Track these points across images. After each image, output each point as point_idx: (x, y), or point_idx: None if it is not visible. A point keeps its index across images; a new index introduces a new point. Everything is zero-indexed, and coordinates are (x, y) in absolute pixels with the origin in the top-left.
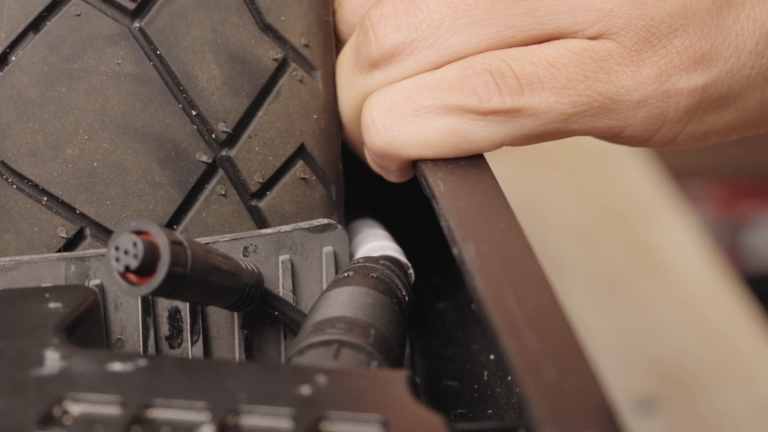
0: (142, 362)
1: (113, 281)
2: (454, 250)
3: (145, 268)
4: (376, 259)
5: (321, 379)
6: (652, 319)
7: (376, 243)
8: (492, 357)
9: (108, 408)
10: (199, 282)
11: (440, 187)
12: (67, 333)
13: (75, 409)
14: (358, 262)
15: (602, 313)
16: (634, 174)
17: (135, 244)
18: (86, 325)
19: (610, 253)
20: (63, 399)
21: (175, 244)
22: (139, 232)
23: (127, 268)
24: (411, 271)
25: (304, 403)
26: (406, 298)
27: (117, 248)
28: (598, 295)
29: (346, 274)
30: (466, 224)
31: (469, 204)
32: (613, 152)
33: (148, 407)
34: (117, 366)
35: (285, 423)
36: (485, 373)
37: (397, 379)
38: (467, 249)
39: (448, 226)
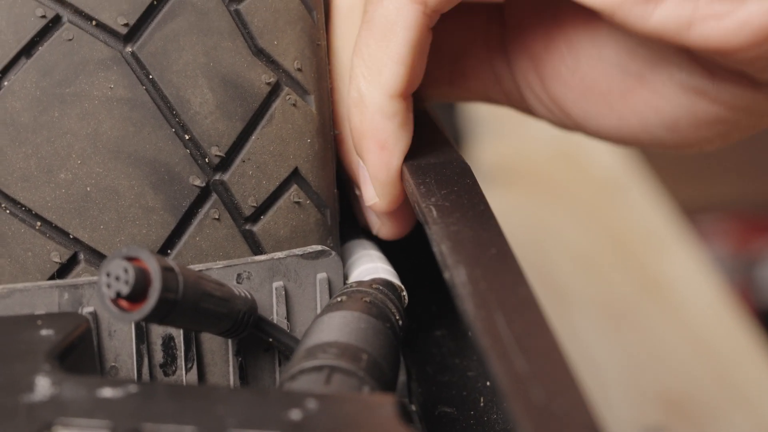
0: (133, 388)
1: (105, 308)
2: (446, 275)
3: (137, 295)
4: (369, 284)
5: (311, 404)
6: (659, 349)
7: (369, 265)
8: (488, 383)
9: None
10: (191, 308)
11: (432, 212)
12: (58, 360)
13: None
14: (351, 286)
15: (610, 344)
16: (643, 206)
17: (126, 271)
18: (78, 352)
19: (617, 285)
20: (52, 425)
21: (166, 270)
22: (130, 258)
23: (119, 295)
24: (404, 294)
25: (294, 428)
26: (400, 322)
27: (108, 274)
28: (605, 326)
29: (339, 299)
30: (458, 249)
31: (461, 229)
32: (622, 184)
33: None
34: (107, 392)
35: None
36: (481, 399)
37: (387, 404)
38: (458, 273)
39: (440, 251)
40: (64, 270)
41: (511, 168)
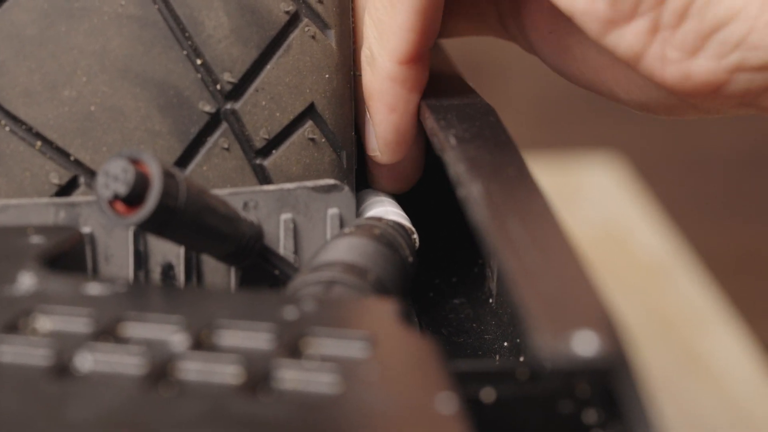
0: (121, 287)
1: (101, 209)
2: (461, 192)
3: (135, 198)
4: (379, 219)
5: (308, 305)
6: (698, 424)
7: (380, 209)
8: (506, 344)
9: (78, 321)
10: (192, 221)
11: (451, 140)
12: (47, 264)
13: (44, 321)
14: (359, 221)
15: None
16: (689, 289)
17: (125, 171)
18: (69, 261)
19: (656, 359)
20: (31, 312)
21: (167, 175)
22: (132, 161)
23: (116, 196)
24: (415, 236)
25: (287, 323)
26: (410, 259)
27: (107, 174)
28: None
29: (347, 230)
30: (475, 168)
31: (480, 154)
32: (669, 267)
33: (120, 321)
34: (94, 288)
35: (264, 339)
36: (497, 357)
37: (389, 306)
38: (474, 188)
39: (456, 172)
40: (63, 192)
41: None
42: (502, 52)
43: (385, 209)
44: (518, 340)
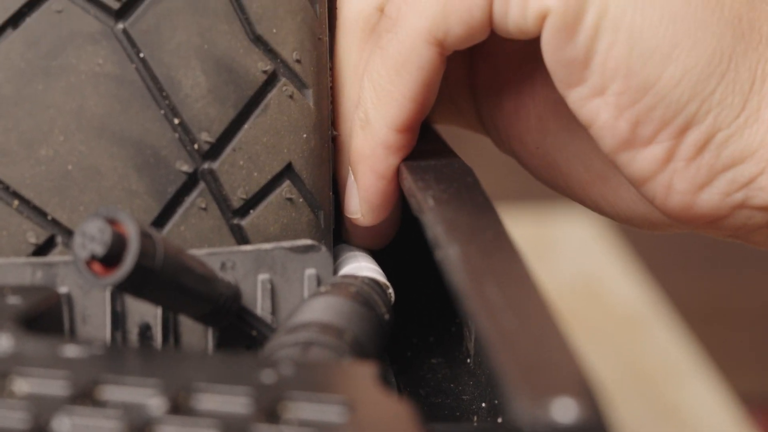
0: (98, 349)
1: (78, 269)
2: (438, 254)
3: (112, 258)
4: (354, 277)
5: (285, 368)
6: None
7: (354, 264)
8: (484, 405)
9: (55, 384)
10: (169, 281)
11: (429, 201)
12: (24, 325)
13: (21, 383)
14: (336, 279)
15: None
16: (665, 341)
17: (102, 231)
18: (46, 322)
19: (632, 411)
20: (8, 374)
21: (144, 235)
22: (108, 221)
23: (93, 256)
24: (390, 291)
25: (265, 387)
26: (386, 316)
27: (84, 234)
28: None
29: (322, 289)
30: (453, 230)
31: (458, 216)
32: (645, 319)
33: (97, 384)
34: (71, 351)
35: (242, 403)
36: (475, 419)
37: (367, 369)
38: (452, 250)
39: (434, 234)
40: (40, 252)
41: None
42: None
43: (359, 264)
44: (496, 402)
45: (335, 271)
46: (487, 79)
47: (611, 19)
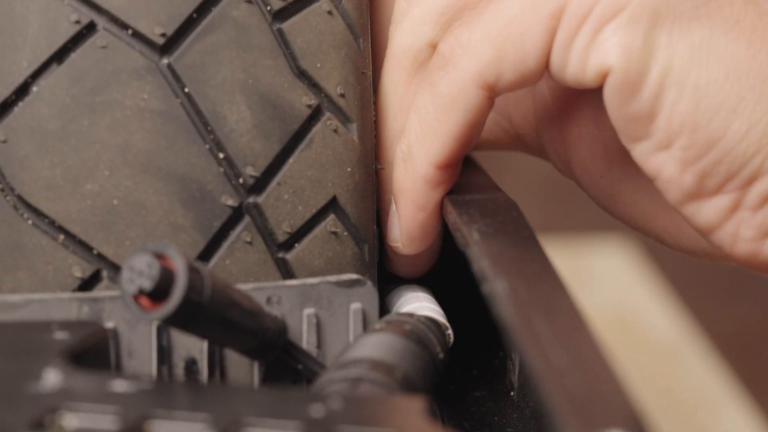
0: (147, 384)
1: (126, 304)
2: (485, 288)
3: (160, 293)
4: (410, 315)
5: (334, 403)
6: None
7: (415, 304)
8: None
9: (104, 419)
10: (216, 315)
11: (474, 236)
12: (71, 360)
13: (70, 418)
14: (392, 317)
15: None
16: (701, 370)
17: (150, 266)
18: (93, 357)
19: None
20: (57, 409)
21: (192, 270)
22: (156, 255)
23: (141, 291)
24: (450, 332)
25: (314, 421)
26: (441, 356)
27: (131, 269)
28: None
29: (377, 326)
30: (499, 264)
31: (503, 250)
32: (679, 349)
33: (146, 419)
34: (119, 386)
35: None
36: None
37: (416, 404)
38: (498, 284)
39: (480, 268)
40: (85, 286)
41: None
42: None
43: (420, 305)
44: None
45: (395, 311)
46: (550, 104)
47: (676, 75)
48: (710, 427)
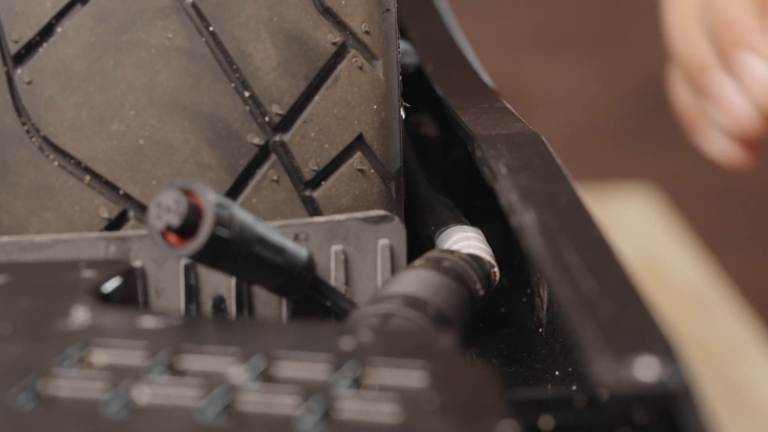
0: (176, 320)
1: (154, 240)
2: (513, 220)
3: (188, 229)
4: (451, 252)
5: (363, 336)
6: None
7: (463, 243)
8: (557, 373)
9: (134, 355)
10: (244, 251)
11: (501, 170)
12: (99, 299)
13: (99, 355)
14: (431, 254)
15: None
16: (727, 318)
17: (178, 202)
18: (121, 297)
19: None
20: (86, 346)
21: (220, 206)
22: (185, 192)
23: (169, 227)
24: (495, 270)
25: (344, 354)
26: (480, 292)
27: (159, 205)
28: None
29: (416, 263)
30: (527, 197)
31: (531, 183)
32: (705, 296)
33: (176, 354)
34: (149, 322)
35: (322, 369)
36: (548, 386)
37: (447, 338)
38: (527, 216)
39: (508, 201)
40: (112, 227)
41: None
42: (529, 85)
43: (468, 243)
44: (570, 369)
45: (439, 245)
46: None
47: None
48: (734, 375)
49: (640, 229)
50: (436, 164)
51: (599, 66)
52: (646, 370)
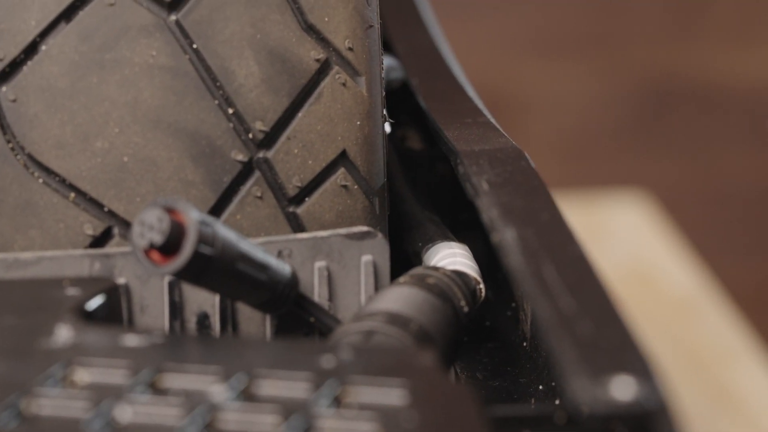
0: (159, 338)
1: (137, 258)
2: (494, 237)
3: (171, 247)
4: (436, 268)
5: (345, 353)
6: None
7: (449, 259)
8: (541, 387)
9: (116, 373)
10: (228, 268)
11: (483, 186)
12: (83, 317)
13: (82, 373)
14: (416, 271)
15: None
16: (718, 324)
17: (161, 220)
18: (105, 314)
19: (686, 394)
20: (69, 365)
21: (203, 223)
22: (167, 210)
23: (152, 245)
24: (481, 286)
25: (325, 372)
26: (465, 309)
27: (142, 223)
28: None
29: (400, 280)
30: (508, 214)
31: (512, 199)
32: (696, 302)
33: (158, 372)
34: (131, 340)
35: (303, 388)
36: (532, 401)
37: (427, 356)
38: (508, 233)
39: (490, 218)
40: (97, 243)
41: None
42: (524, 88)
43: (454, 260)
44: (553, 384)
45: (426, 262)
46: None
47: None
48: (724, 380)
49: (632, 234)
50: (422, 178)
51: (594, 70)
52: (623, 389)
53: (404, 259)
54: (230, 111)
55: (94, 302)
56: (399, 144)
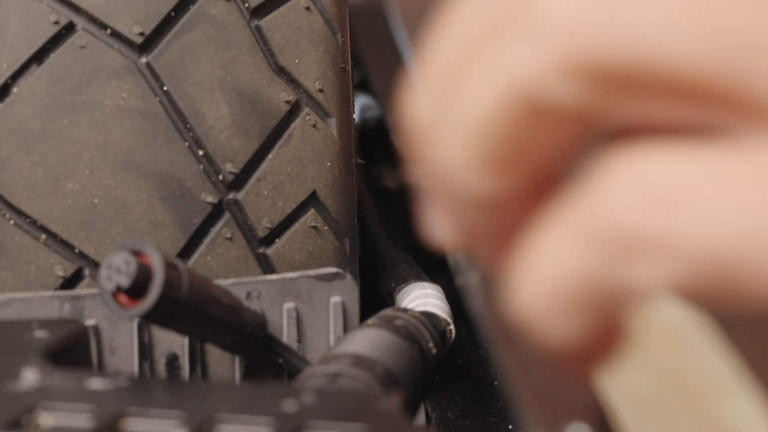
0: (123, 381)
1: (104, 301)
2: (459, 280)
3: (138, 290)
4: (405, 310)
5: (307, 397)
6: None
7: (421, 300)
8: (510, 427)
9: (80, 417)
10: (195, 311)
11: None
12: (51, 359)
13: (46, 417)
14: (384, 313)
15: None
16: (708, 355)
17: (128, 263)
18: (73, 355)
19: (674, 425)
20: (34, 408)
21: (170, 266)
22: (134, 253)
23: (119, 288)
24: (451, 327)
25: (286, 416)
26: (433, 351)
27: (109, 266)
28: None
29: (369, 322)
30: (473, 257)
31: None
32: (687, 333)
33: (121, 417)
34: (96, 383)
35: None
36: None
37: (391, 400)
38: (471, 277)
39: (454, 261)
40: (67, 285)
41: None
42: None
43: (425, 300)
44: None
45: (398, 303)
46: None
47: None
48: (714, 411)
49: None
50: (397, 216)
51: None
52: None
53: (380, 298)
54: (200, 153)
55: (63, 345)
56: (374, 182)
